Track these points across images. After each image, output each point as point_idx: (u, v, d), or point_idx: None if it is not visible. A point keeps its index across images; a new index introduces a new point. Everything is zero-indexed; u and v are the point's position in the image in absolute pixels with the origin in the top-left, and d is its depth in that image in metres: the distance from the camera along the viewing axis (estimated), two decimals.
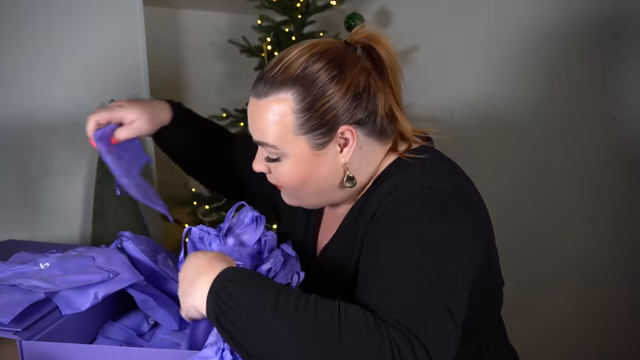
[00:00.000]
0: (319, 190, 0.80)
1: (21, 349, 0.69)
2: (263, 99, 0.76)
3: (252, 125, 0.79)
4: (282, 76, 0.75)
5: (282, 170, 0.78)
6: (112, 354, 0.68)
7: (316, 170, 0.77)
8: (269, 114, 0.75)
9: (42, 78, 1.42)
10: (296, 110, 0.74)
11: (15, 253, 0.87)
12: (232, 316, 0.60)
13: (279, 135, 0.75)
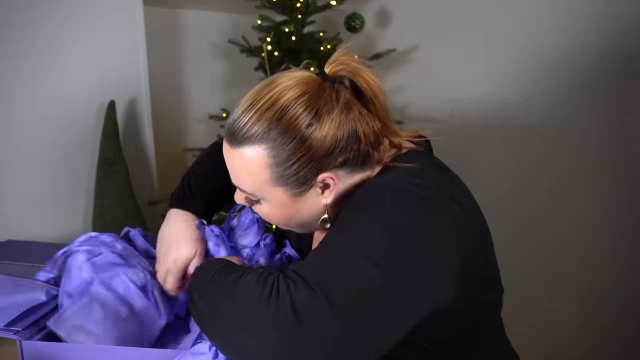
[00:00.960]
0: (303, 224, 0.78)
1: (21, 349, 0.69)
2: (236, 147, 0.71)
3: (228, 168, 0.75)
4: (254, 128, 0.69)
5: (262, 211, 0.77)
6: (112, 354, 0.68)
7: (297, 212, 0.75)
8: (242, 164, 0.71)
9: (43, 78, 1.42)
10: (270, 165, 0.69)
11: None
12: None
13: (254, 184, 0.72)
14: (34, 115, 1.42)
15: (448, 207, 0.67)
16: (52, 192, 1.47)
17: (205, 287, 0.68)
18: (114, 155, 1.47)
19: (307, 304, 0.59)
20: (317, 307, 0.59)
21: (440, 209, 0.67)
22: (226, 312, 0.63)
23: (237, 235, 0.92)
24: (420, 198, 0.66)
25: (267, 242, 0.90)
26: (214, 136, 1.96)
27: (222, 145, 0.75)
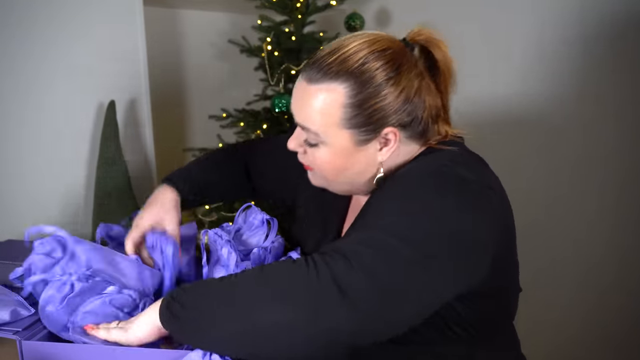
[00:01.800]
0: (349, 182, 0.80)
1: (21, 349, 0.69)
2: (313, 84, 0.74)
3: (297, 107, 0.77)
4: (337, 67, 0.73)
5: (319, 156, 0.77)
6: (111, 354, 0.68)
7: (352, 163, 0.77)
8: (317, 101, 0.74)
9: (43, 78, 1.42)
10: (346, 105, 0.73)
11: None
12: (183, 303, 0.65)
13: (323, 124, 0.74)
14: (33, 115, 1.42)
15: (486, 194, 0.70)
16: (52, 192, 1.47)
17: (219, 290, 0.65)
18: (114, 155, 1.47)
19: (347, 276, 0.59)
20: (356, 279, 0.59)
21: (480, 195, 0.69)
22: (256, 293, 0.61)
23: (246, 236, 0.91)
24: (461, 184, 0.69)
25: (276, 245, 0.90)
26: (214, 136, 1.96)
27: (229, 150, 0.77)
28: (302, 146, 0.80)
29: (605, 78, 1.51)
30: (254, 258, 0.87)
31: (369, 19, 2.09)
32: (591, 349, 1.66)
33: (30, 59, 1.39)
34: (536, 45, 1.63)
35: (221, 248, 0.83)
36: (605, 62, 1.51)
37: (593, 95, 1.55)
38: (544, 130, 1.66)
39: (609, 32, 1.49)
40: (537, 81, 1.64)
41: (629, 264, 1.55)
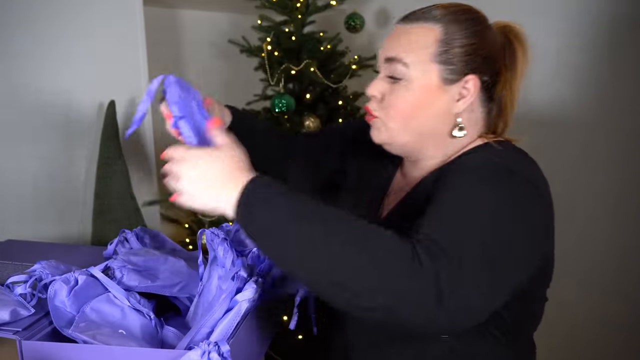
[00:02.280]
0: (418, 133, 0.82)
1: (21, 349, 0.69)
2: (412, 24, 0.81)
3: (390, 44, 0.82)
4: (434, 12, 0.80)
5: (401, 94, 0.80)
6: (111, 354, 0.68)
7: (431, 105, 0.80)
8: (415, 34, 0.80)
9: (43, 78, 1.42)
10: (440, 40, 0.79)
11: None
12: (261, 221, 0.64)
13: (418, 55, 0.79)
14: (33, 115, 1.42)
15: (547, 189, 0.76)
16: (52, 192, 1.47)
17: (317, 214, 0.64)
18: (114, 155, 1.47)
19: (447, 282, 0.61)
20: (456, 284, 0.61)
21: (543, 190, 0.75)
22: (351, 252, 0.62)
23: (245, 236, 0.91)
24: (527, 179, 0.74)
25: None
26: None
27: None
28: (380, 92, 0.83)
29: (604, 79, 1.51)
30: (253, 258, 0.87)
31: (369, 19, 2.09)
32: (592, 349, 1.66)
33: (30, 58, 1.39)
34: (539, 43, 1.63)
35: (217, 247, 0.83)
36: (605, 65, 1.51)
37: (593, 96, 1.55)
38: (544, 130, 1.66)
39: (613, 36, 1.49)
40: (535, 79, 1.65)
41: (629, 264, 1.55)
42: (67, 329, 0.73)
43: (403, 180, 0.92)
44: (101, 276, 0.80)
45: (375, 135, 0.87)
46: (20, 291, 0.78)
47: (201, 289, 0.86)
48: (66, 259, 0.92)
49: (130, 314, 0.79)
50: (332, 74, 1.76)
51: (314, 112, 1.78)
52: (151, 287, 0.84)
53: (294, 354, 1.58)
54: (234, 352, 0.68)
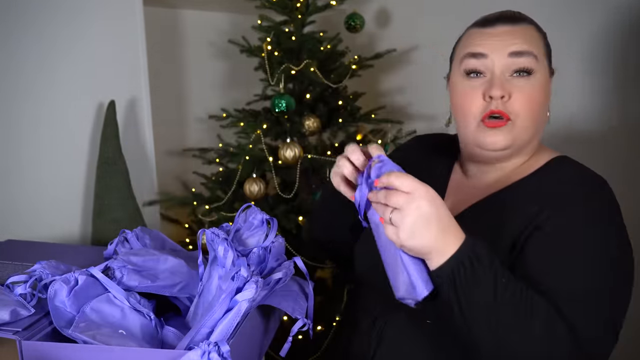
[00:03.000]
0: (537, 126, 0.86)
1: (21, 349, 0.69)
2: (518, 24, 0.85)
3: (507, 41, 0.83)
4: (520, 15, 0.86)
5: (533, 88, 0.83)
6: (111, 354, 0.68)
7: (548, 96, 0.86)
8: (528, 32, 0.84)
9: (43, 78, 1.42)
10: (541, 39, 0.86)
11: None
12: (465, 287, 0.68)
13: (539, 50, 0.84)
14: (33, 115, 1.42)
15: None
16: (52, 192, 1.47)
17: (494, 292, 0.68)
18: (114, 155, 1.47)
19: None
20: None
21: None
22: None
23: (245, 236, 0.91)
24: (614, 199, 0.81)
25: (276, 245, 0.90)
26: (214, 136, 1.96)
27: None
28: (507, 91, 0.83)
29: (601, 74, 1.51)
30: (253, 258, 0.87)
31: (369, 19, 2.09)
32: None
33: (30, 58, 1.39)
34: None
35: (217, 247, 0.83)
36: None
37: (590, 97, 1.54)
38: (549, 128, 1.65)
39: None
40: None
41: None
42: (67, 329, 0.73)
43: (467, 182, 0.93)
44: (101, 276, 0.80)
45: (501, 141, 0.84)
46: (20, 291, 0.78)
47: (201, 289, 0.86)
48: (66, 259, 0.92)
49: (130, 314, 0.79)
50: (332, 74, 1.76)
51: (314, 112, 1.78)
52: (151, 287, 0.84)
53: (294, 354, 1.58)
54: (234, 352, 0.68)
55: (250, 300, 0.74)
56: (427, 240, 0.68)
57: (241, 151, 1.71)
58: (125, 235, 1.02)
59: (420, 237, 0.68)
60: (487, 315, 0.68)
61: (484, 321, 0.68)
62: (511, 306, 0.68)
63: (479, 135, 0.85)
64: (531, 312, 0.68)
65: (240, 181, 1.72)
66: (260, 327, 0.85)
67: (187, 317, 0.88)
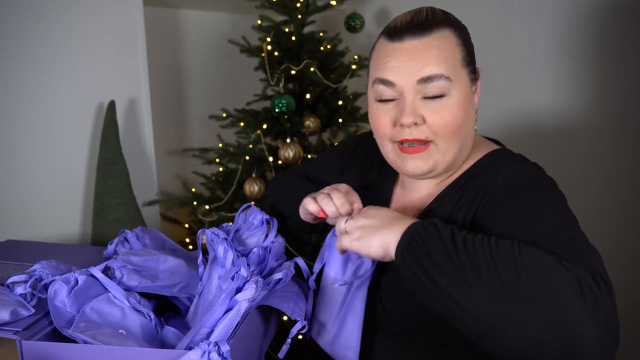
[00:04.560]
0: (462, 141, 0.81)
1: (21, 349, 0.69)
2: (426, 36, 0.77)
3: (418, 62, 0.77)
4: (433, 19, 0.79)
5: (447, 109, 0.78)
6: (111, 354, 0.68)
7: (470, 108, 0.81)
8: (439, 46, 0.77)
9: (43, 78, 1.42)
10: (459, 44, 0.79)
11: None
12: (420, 255, 0.65)
13: (453, 65, 0.78)
14: (34, 115, 1.42)
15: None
16: (52, 192, 1.47)
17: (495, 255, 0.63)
18: (114, 155, 1.47)
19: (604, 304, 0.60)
20: (609, 304, 0.61)
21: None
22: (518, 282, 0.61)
23: (245, 236, 0.91)
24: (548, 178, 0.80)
25: (276, 244, 0.90)
26: (214, 136, 1.96)
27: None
28: (419, 116, 0.78)
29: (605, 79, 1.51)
30: (253, 258, 0.87)
31: (369, 19, 2.09)
32: None
33: (30, 59, 1.39)
34: (538, 45, 1.63)
35: (217, 247, 0.83)
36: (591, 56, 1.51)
37: (596, 98, 1.55)
38: (546, 133, 1.66)
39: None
40: (537, 82, 1.64)
41: (635, 266, 1.54)
42: (67, 329, 0.73)
43: (407, 195, 0.91)
44: (101, 276, 0.80)
45: (421, 166, 0.81)
46: (21, 291, 0.78)
47: (201, 289, 0.86)
48: (66, 259, 0.92)
49: (130, 314, 0.79)
50: (332, 74, 1.76)
51: (314, 112, 1.78)
52: (151, 287, 0.84)
53: (294, 354, 1.58)
54: (234, 352, 0.68)
55: (250, 300, 0.74)
56: (375, 241, 0.72)
57: (241, 151, 1.71)
58: (125, 235, 1.02)
59: (368, 240, 0.72)
60: (459, 274, 0.62)
61: (459, 282, 0.62)
62: (479, 252, 0.63)
63: (398, 160, 0.83)
64: (496, 244, 0.64)
65: (240, 181, 1.72)
66: (260, 328, 0.85)
67: (187, 317, 0.88)
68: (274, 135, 1.77)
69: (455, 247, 0.64)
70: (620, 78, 1.48)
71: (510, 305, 0.60)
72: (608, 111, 1.52)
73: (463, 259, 0.63)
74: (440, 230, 0.67)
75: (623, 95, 1.49)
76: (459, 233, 0.67)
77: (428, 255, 0.65)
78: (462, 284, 0.62)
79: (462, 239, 0.65)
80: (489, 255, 0.63)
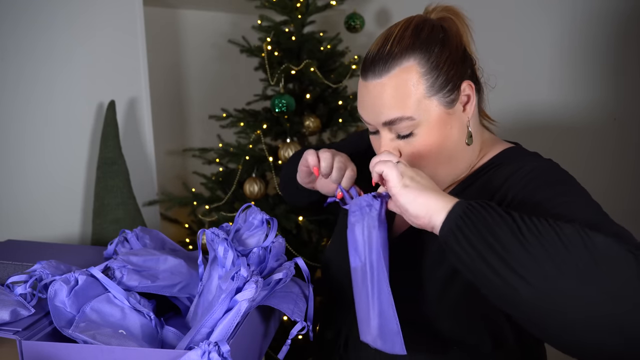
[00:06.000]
0: (449, 158, 0.80)
1: (21, 349, 0.69)
2: (385, 75, 0.76)
3: (378, 106, 0.77)
4: (398, 48, 0.76)
5: (419, 142, 0.78)
6: (111, 354, 0.68)
7: (450, 131, 0.79)
8: (399, 85, 0.76)
9: (43, 78, 1.42)
10: (424, 73, 0.76)
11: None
12: (480, 226, 0.60)
13: (414, 102, 0.76)
14: (33, 115, 1.42)
15: None
16: (52, 192, 1.47)
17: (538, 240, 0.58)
18: (114, 155, 1.47)
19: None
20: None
21: None
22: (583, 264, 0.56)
23: (245, 236, 0.91)
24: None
25: (276, 244, 0.90)
26: (214, 136, 1.96)
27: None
28: (395, 149, 0.79)
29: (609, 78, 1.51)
30: (253, 258, 0.87)
31: (369, 19, 2.09)
32: None
33: (30, 58, 1.39)
34: (538, 46, 1.63)
35: (217, 247, 0.83)
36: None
37: (597, 97, 1.55)
38: (551, 133, 1.66)
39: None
40: (537, 82, 1.64)
41: None
42: (67, 329, 0.73)
43: None
44: (101, 276, 0.80)
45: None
46: (21, 291, 0.78)
47: (201, 289, 0.86)
48: (66, 259, 0.93)
49: (130, 314, 0.79)
50: (332, 74, 1.76)
51: (314, 112, 1.78)
52: (151, 287, 0.84)
53: (294, 354, 1.58)
54: (233, 352, 0.68)
55: (250, 300, 0.74)
56: (423, 200, 0.66)
57: (241, 151, 1.71)
58: (125, 235, 1.02)
59: (419, 198, 0.66)
60: (518, 240, 0.58)
61: (517, 249, 0.57)
62: (536, 225, 0.59)
63: None
64: (557, 224, 0.59)
65: (240, 181, 1.72)
66: (260, 328, 0.85)
67: (187, 317, 0.88)
68: (274, 135, 1.77)
69: (516, 224, 0.59)
70: (621, 78, 1.48)
71: (577, 283, 0.55)
72: (609, 111, 1.52)
73: (529, 236, 0.58)
74: (494, 207, 0.62)
75: (624, 95, 1.49)
76: (515, 213, 0.61)
77: (488, 227, 0.59)
78: (530, 260, 0.57)
79: (521, 218, 0.60)
80: (554, 234, 0.58)
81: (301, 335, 1.56)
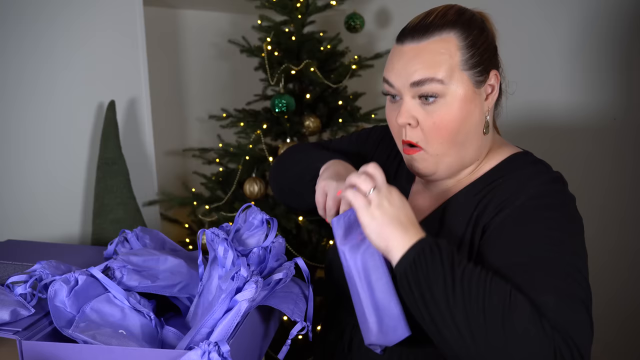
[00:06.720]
0: (462, 145, 0.81)
1: (21, 349, 0.69)
2: (424, 40, 0.79)
3: (412, 66, 0.79)
4: (440, 21, 0.79)
5: (441, 113, 0.78)
6: (111, 354, 0.68)
7: (472, 110, 0.80)
8: (436, 50, 0.78)
9: (43, 78, 1.42)
10: (461, 47, 0.79)
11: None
12: (421, 279, 0.68)
13: (447, 68, 0.78)
14: (33, 115, 1.42)
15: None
16: (52, 192, 1.47)
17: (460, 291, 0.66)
18: (114, 155, 1.47)
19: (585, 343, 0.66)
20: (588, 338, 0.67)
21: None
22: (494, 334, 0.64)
23: (245, 236, 0.91)
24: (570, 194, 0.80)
25: (276, 245, 0.90)
26: (214, 136, 1.96)
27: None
28: (415, 117, 0.80)
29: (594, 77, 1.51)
30: (253, 258, 0.87)
31: (369, 19, 2.09)
32: (597, 348, 1.65)
33: (30, 58, 1.39)
34: (533, 46, 1.63)
35: (217, 247, 0.83)
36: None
37: (591, 97, 1.55)
38: (551, 133, 1.65)
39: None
40: (537, 82, 1.64)
41: (637, 265, 1.54)
42: (67, 329, 0.73)
43: (424, 190, 0.92)
44: (101, 276, 0.80)
45: (422, 168, 0.83)
46: (21, 291, 0.78)
47: (201, 289, 0.86)
48: (66, 259, 0.93)
49: (131, 314, 0.79)
50: (332, 74, 1.76)
51: (314, 112, 1.78)
52: (151, 287, 0.84)
53: (294, 354, 1.58)
54: (234, 352, 0.68)
55: (250, 300, 0.74)
56: (388, 233, 0.71)
57: (241, 151, 1.71)
58: (125, 235, 1.02)
59: (384, 229, 0.71)
60: (447, 301, 0.66)
61: (444, 308, 0.66)
62: (471, 287, 0.66)
63: (405, 158, 0.86)
64: (490, 290, 0.66)
65: (240, 181, 1.72)
66: (260, 328, 0.85)
67: (187, 317, 0.88)
68: (274, 135, 1.77)
69: (453, 283, 0.66)
70: (621, 79, 1.48)
71: (486, 353, 0.64)
72: (609, 111, 1.52)
73: (457, 299, 0.65)
74: (444, 257, 0.68)
75: (623, 96, 1.49)
76: (459, 266, 0.68)
77: (428, 282, 0.67)
78: (450, 321, 0.66)
79: (462, 274, 0.67)
80: (481, 302, 0.65)
81: (301, 335, 1.56)
